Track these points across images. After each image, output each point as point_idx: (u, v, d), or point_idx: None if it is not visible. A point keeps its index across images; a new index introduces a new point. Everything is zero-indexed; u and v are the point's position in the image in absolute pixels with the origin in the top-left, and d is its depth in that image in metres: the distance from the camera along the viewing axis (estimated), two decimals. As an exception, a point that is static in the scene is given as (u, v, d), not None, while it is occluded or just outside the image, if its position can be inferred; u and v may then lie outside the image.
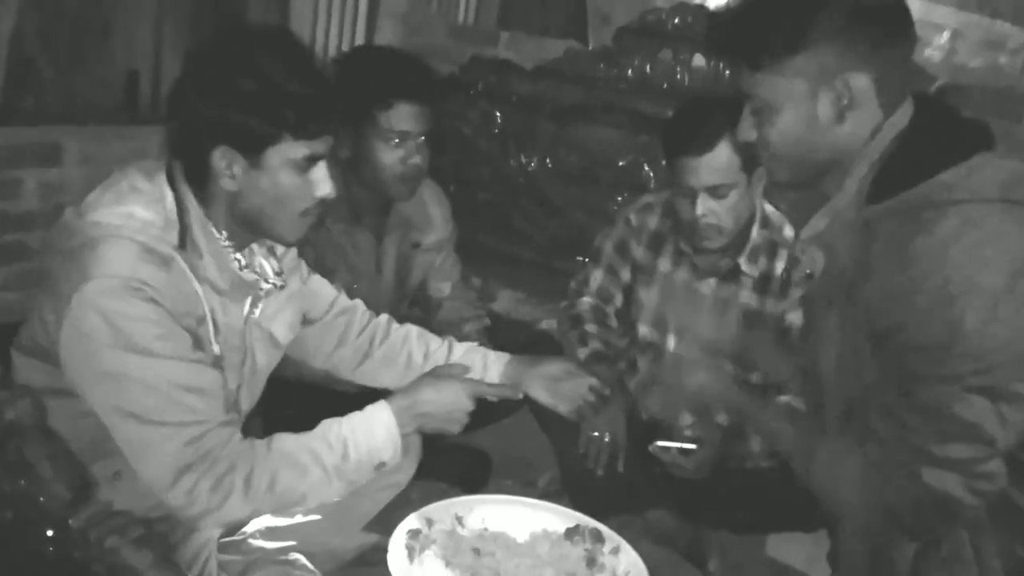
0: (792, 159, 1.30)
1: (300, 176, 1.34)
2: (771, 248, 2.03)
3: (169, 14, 2.93)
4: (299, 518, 1.54)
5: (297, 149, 1.31)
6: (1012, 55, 5.20)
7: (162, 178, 1.34)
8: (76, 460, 1.18)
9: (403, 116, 1.99)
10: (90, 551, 1.09)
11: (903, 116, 1.25)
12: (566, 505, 1.60)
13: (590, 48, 3.21)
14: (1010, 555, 1.24)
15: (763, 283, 2.02)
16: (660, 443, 1.91)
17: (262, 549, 1.52)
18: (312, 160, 1.34)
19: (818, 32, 1.22)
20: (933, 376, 1.15)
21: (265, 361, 1.53)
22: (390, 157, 2.01)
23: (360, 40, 3.50)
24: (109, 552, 1.08)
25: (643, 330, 2.15)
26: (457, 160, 3.15)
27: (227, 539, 1.51)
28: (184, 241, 1.32)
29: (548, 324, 2.72)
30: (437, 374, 1.57)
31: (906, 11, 1.27)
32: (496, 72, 3.19)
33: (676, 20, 2.89)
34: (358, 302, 1.75)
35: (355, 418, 1.42)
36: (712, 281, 2.06)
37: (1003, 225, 1.13)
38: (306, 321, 1.63)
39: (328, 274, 1.83)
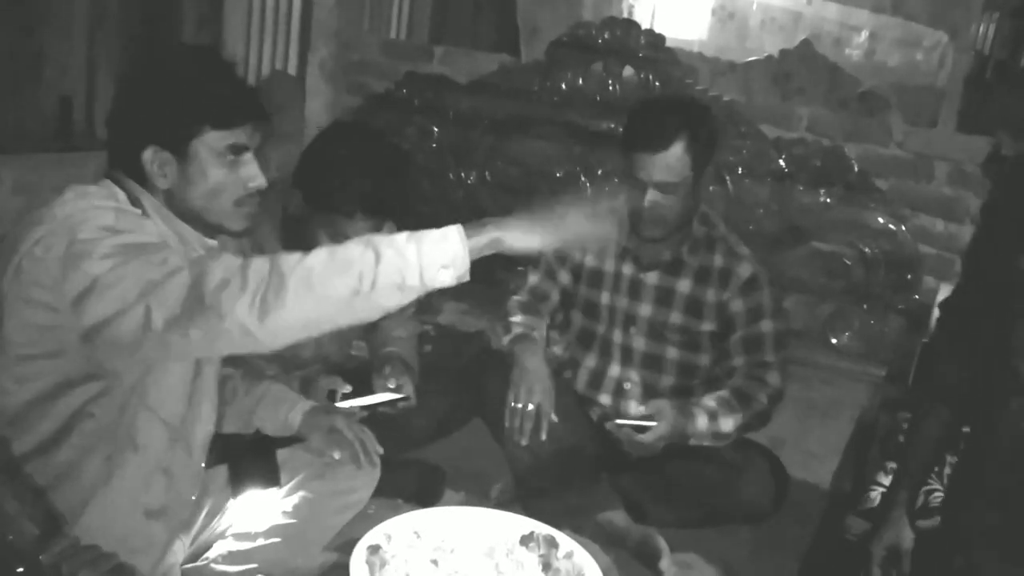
0: None
1: (227, 167, 1.40)
2: (709, 242, 2.12)
3: (101, 40, 2.91)
4: (260, 541, 1.58)
5: (220, 138, 1.38)
6: (928, 52, 5.44)
7: (108, 183, 1.39)
8: (43, 496, 1.19)
9: (358, 227, 1.85)
10: None
11: None
12: (519, 513, 1.61)
13: (523, 62, 3.29)
14: None
15: (703, 274, 2.12)
16: (618, 421, 1.97)
17: (225, 573, 1.54)
18: (236, 149, 1.40)
19: None
20: None
21: None
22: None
23: (294, 59, 3.51)
24: None
25: (586, 323, 2.23)
26: (396, 176, 3.18)
27: (190, 565, 1.54)
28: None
29: (490, 333, 2.77)
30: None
31: None
32: (432, 87, 3.24)
33: (606, 34, 2.97)
34: None
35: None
36: (655, 273, 2.14)
37: None
38: None
39: None
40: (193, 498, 1.55)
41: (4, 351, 1.34)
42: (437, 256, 1.19)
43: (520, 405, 2.01)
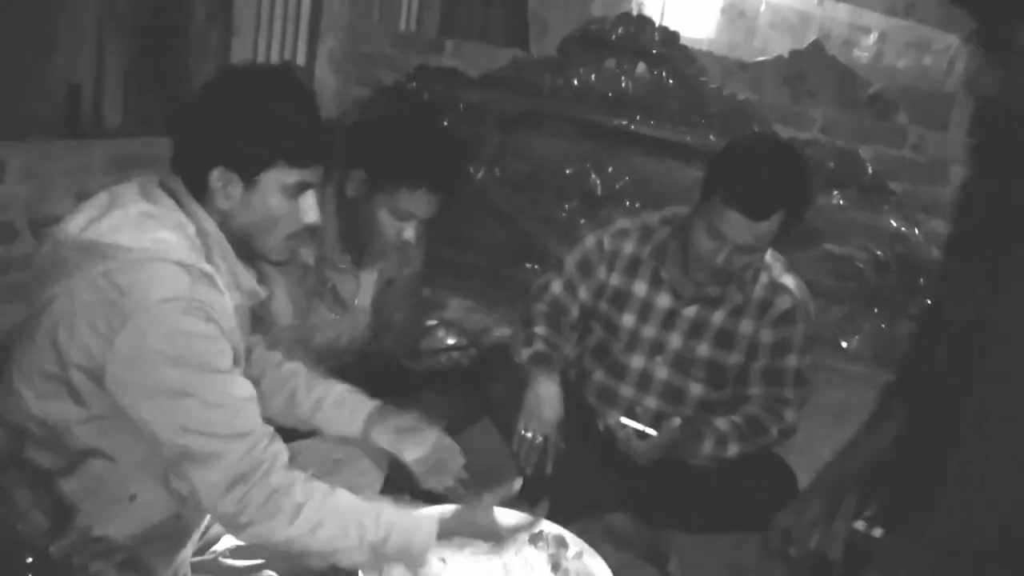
0: None
1: (290, 201, 1.43)
2: (754, 273, 2.05)
3: (111, 28, 2.89)
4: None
5: (290, 175, 1.40)
6: (937, 56, 5.41)
7: (167, 200, 1.38)
8: (54, 487, 1.18)
9: (421, 201, 1.93)
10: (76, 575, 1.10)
11: None
12: (528, 512, 1.63)
13: (533, 57, 3.26)
14: None
15: (741, 305, 2.05)
16: (623, 419, 1.95)
17: (233, 567, 1.54)
18: (302, 187, 1.43)
19: None
20: None
21: None
22: (390, 228, 1.95)
23: (303, 50, 3.49)
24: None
25: (603, 339, 2.18)
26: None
27: (198, 558, 1.53)
28: (209, 260, 1.38)
29: (499, 332, 2.76)
30: (478, 523, 1.59)
31: None
32: (442, 81, 3.22)
33: (620, 30, 2.95)
34: (258, 338, 1.77)
35: (404, 515, 1.48)
36: (695, 308, 2.07)
37: None
38: None
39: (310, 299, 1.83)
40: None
41: (32, 358, 1.32)
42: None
43: (529, 435, 1.98)
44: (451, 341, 2.29)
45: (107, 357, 1.25)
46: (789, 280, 2.04)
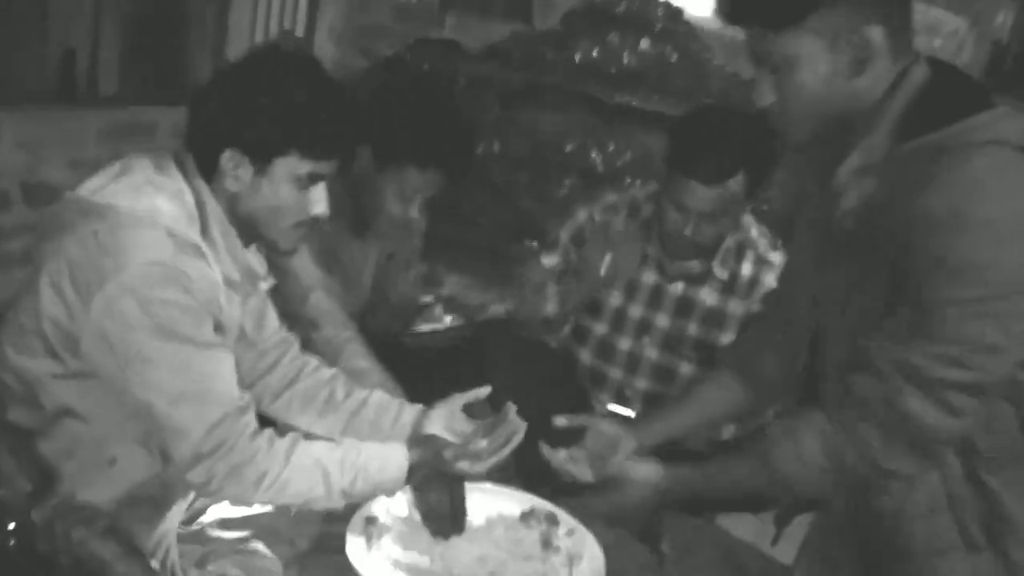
0: (811, 117, 1.32)
1: (300, 191, 1.40)
2: (739, 250, 2.03)
3: (108, -9, 2.86)
4: (256, 508, 1.54)
5: (303, 166, 1.38)
6: (947, 39, 5.36)
7: (175, 171, 1.37)
8: (38, 452, 1.17)
9: (429, 180, 1.91)
10: (55, 543, 1.09)
11: (923, 69, 1.29)
12: (520, 488, 1.62)
13: (535, 30, 3.22)
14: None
15: (729, 283, 2.03)
16: (610, 406, 1.94)
17: (220, 539, 1.52)
18: (314, 179, 1.41)
19: None
20: (943, 299, 1.19)
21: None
22: (395, 207, 1.94)
23: (302, 20, 3.46)
24: (76, 544, 1.08)
25: (601, 329, 2.15)
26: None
27: (185, 530, 1.51)
28: (204, 233, 1.36)
29: (495, 309, 2.74)
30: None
31: None
32: (442, 54, 3.19)
33: (624, 4, 2.92)
34: (292, 337, 1.74)
35: (372, 451, 1.47)
36: (680, 284, 2.06)
37: (1021, 172, 1.19)
38: (244, 339, 1.61)
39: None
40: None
41: (15, 311, 1.33)
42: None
43: None
44: (448, 320, 2.27)
45: (84, 315, 1.26)
46: (776, 256, 2.03)
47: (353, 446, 1.47)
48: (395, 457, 1.47)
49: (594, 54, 2.97)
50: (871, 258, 1.30)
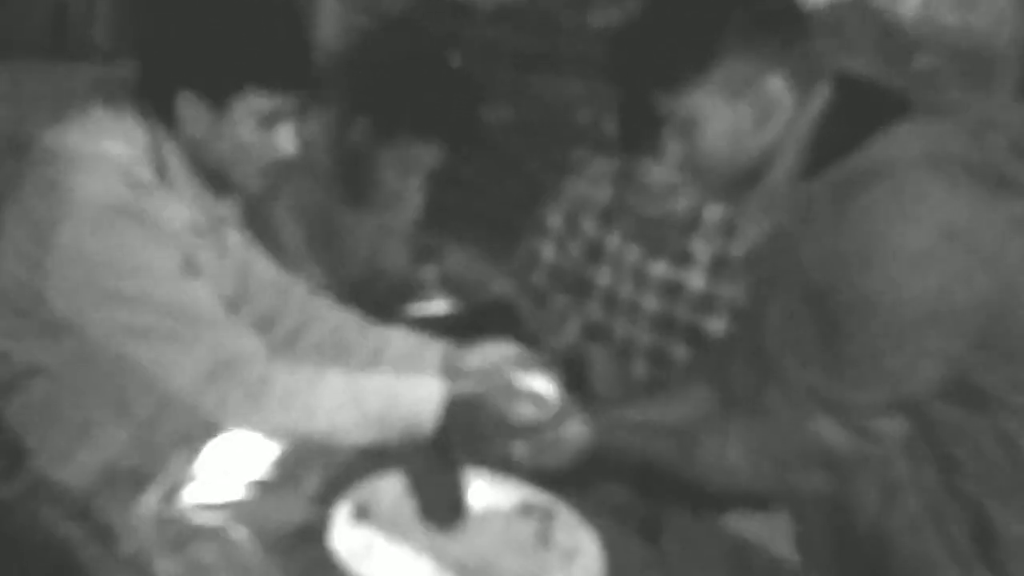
0: (720, 169, 1.33)
1: (264, 132, 1.36)
2: (728, 227, 1.96)
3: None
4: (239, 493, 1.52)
5: (262, 103, 1.33)
6: (986, 13, 5.26)
7: (130, 114, 1.36)
8: (8, 429, 1.22)
9: (431, 152, 1.92)
10: (24, 522, 1.09)
11: (820, 99, 1.28)
12: (518, 479, 1.58)
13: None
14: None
15: (718, 266, 1.96)
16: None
17: (198, 523, 1.47)
18: (277, 117, 1.36)
19: (727, 45, 1.24)
20: (859, 334, 1.21)
21: None
22: (396, 177, 1.96)
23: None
24: (45, 524, 1.03)
25: (592, 307, 2.10)
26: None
27: (162, 514, 1.46)
28: (161, 176, 1.35)
29: (500, 286, 2.68)
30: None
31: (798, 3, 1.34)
32: (451, 14, 3.15)
33: (646, -35, 2.83)
34: (293, 281, 1.70)
35: (408, 378, 1.45)
36: (663, 263, 1.99)
37: (927, 186, 1.17)
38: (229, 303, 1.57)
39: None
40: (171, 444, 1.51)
41: None
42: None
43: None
44: (445, 304, 2.26)
45: (45, 262, 1.26)
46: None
47: (387, 372, 1.47)
48: (433, 386, 1.42)
49: (612, 18, 2.88)
50: (782, 287, 1.32)
